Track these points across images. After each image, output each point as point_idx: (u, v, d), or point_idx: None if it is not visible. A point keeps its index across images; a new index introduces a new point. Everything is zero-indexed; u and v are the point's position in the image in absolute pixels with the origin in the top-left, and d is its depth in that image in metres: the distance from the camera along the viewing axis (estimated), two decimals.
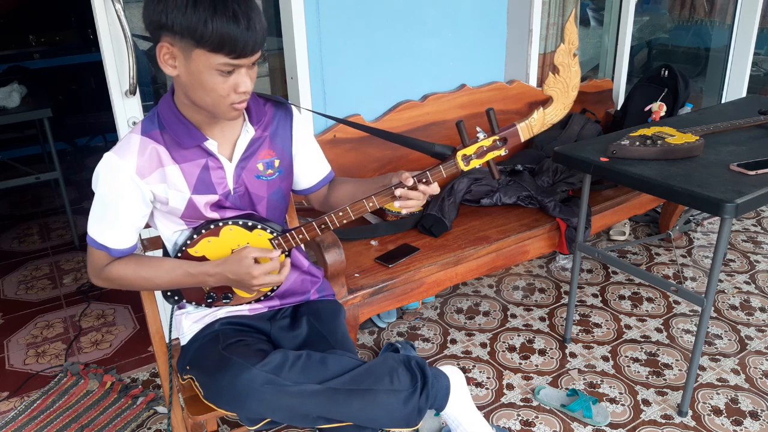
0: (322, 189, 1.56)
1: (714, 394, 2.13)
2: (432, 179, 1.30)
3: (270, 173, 1.41)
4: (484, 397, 2.15)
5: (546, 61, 3.13)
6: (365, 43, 2.43)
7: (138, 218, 1.33)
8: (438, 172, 1.30)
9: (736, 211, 1.70)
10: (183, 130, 1.29)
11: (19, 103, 3.26)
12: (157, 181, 1.30)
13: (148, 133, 1.29)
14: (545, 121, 1.27)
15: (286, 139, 1.43)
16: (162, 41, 1.18)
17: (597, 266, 2.98)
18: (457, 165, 1.30)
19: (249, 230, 1.36)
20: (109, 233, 1.32)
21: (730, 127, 2.29)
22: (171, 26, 1.14)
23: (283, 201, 1.47)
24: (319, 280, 1.61)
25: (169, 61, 1.20)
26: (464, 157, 1.30)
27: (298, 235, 1.36)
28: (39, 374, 2.33)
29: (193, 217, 1.36)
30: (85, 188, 4.26)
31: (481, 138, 1.30)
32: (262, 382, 1.27)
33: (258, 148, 1.38)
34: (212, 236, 1.36)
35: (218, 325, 1.46)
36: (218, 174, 1.34)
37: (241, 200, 1.38)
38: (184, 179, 1.31)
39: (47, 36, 5.02)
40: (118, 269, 1.35)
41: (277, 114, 1.43)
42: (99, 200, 1.31)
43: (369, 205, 1.33)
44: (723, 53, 4.10)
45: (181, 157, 1.31)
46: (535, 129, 1.28)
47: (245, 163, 1.37)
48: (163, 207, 1.34)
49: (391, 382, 1.33)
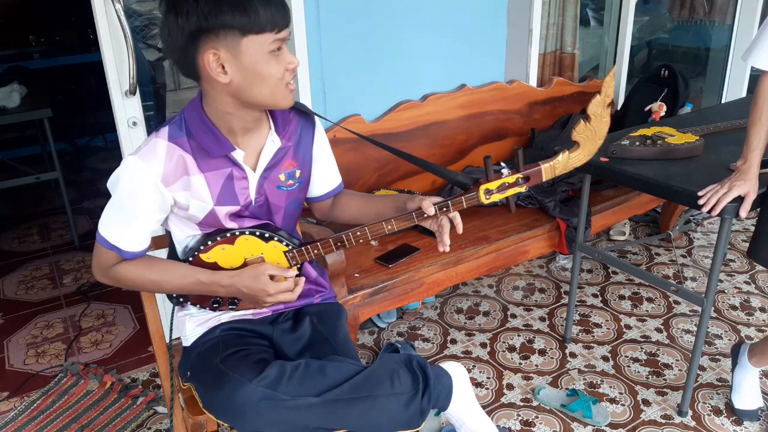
0: (328, 200, 1.55)
1: (714, 394, 2.13)
2: (453, 209, 1.30)
3: (291, 183, 1.39)
4: (484, 397, 2.15)
5: (546, 61, 3.13)
6: (365, 43, 2.43)
7: (153, 223, 1.32)
8: (459, 203, 1.30)
9: (735, 211, 1.70)
10: (212, 138, 1.27)
11: (19, 103, 3.26)
12: (180, 188, 1.28)
13: (175, 139, 1.26)
14: (568, 164, 1.29)
15: (307, 149, 1.42)
16: (205, 50, 1.15)
17: (597, 266, 2.98)
18: (478, 198, 1.30)
19: (265, 241, 1.35)
20: (122, 236, 1.30)
21: (730, 127, 2.29)
22: (212, 27, 1.13)
23: (297, 210, 1.46)
24: (325, 290, 1.60)
25: (218, 69, 1.17)
26: (486, 191, 1.30)
27: (313, 250, 1.35)
28: (39, 374, 2.33)
29: (211, 225, 1.35)
30: (85, 188, 4.26)
31: (505, 174, 1.30)
32: (260, 398, 1.26)
33: (282, 159, 1.37)
34: (227, 244, 1.34)
35: (219, 330, 1.44)
36: (242, 184, 1.32)
37: (260, 210, 1.37)
38: (208, 189, 1.29)
39: (47, 36, 5.01)
40: (127, 270, 1.33)
41: (300, 123, 1.40)
42: (116, 202, 1.28)
43: (388, 228, 1.31)
44: (723, 53, 4.10)
45: (207, 166, 1.28)
46: (557, 170, 1.30)
47: (268, 173, 1.35)
48: (181, 212, 1.32)
49: (392, 385, 1.32)
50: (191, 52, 1.17)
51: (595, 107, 1.26)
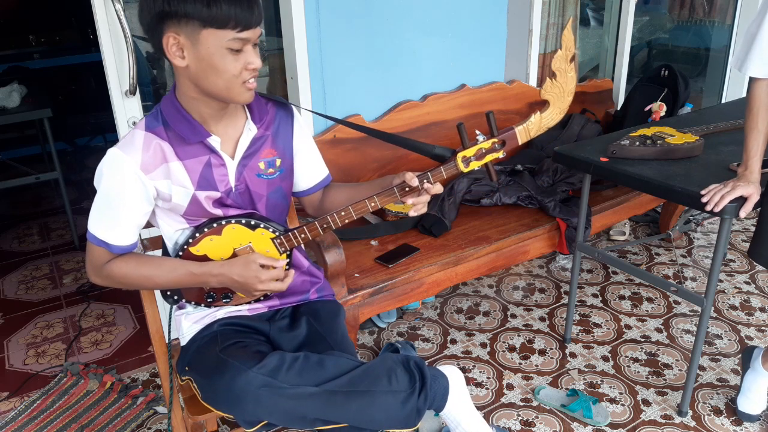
0: (317, 193, 1.56)
1: (714, 394, 2.13)
2: (433, 180, 1.32)
3: (271, 172, 1.41)
4: (484, 397, 2.15)
5: (546, 61, 3.13)
6: (365, 43, 2.43)
7: (140, 216, 1.33)
8: (438, 173, 1.32)
9: (736, 211, 1.71)
10: (186, 125, 1.29)
11: (19, 103, 3.26)
12: (161, 177, 1.30)
13: (152, 129, 1.29)
14: (542, 124, 1.31)
15: (287, 139, 1.44)
16: (167, 33, 1.18)
17: (597, 266, 2.98)
18: (457, 166, 1.32)
19: (251, 229, 1.36)
20: (110, 230, 1.31)
21: (730, 127, 2.29)
22: (175, 13, 1.15)
23: (283, 201, 1.47)
24: (319, 281, 1.61)
25: (177, 52, 1.20)
26: (464, 159, 1.32)
27: (300, 235, 1.37)
28: (39, 374, 2.33)
29: (196, 215, 1.36)
30: (85, 188, 4.26)
31: (481, 140, 1.32)
32: (259, 385, 1.27)
33: (260, 147, 1.39)
34: (214, 235, 1.36)
35: (217, 326, 1.46)
36: (220, 171, 1.34)
37: (241, 198, 1.39)
38: (187, 175, 1.31)
39: (47, 36, 5.02)
40: (118, 267, 1.35)
41: (278, 114, 1.43)
42: (102, 196, 1.30)
43: (371, 205, 1.33)
44: (723, 53, 4.10)
45: (185, 153, 1.31)
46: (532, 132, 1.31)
47: (247, 161, 1.37)
48: (165, 204, 1.34)
49: (389, 382, 1.33)
50: (157, 32, 1.20)
51: (559, 62, 1.28)
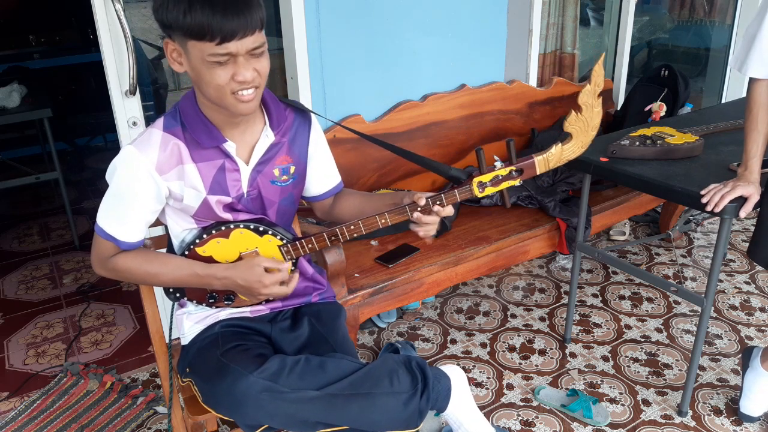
0: (328, 199, 1.56)
1: (714, 394, 2.13)
2: (446, 202, 1.30)
3: (285, 179, 1.40)
4: (484, 397, 2.15)
5: (546, 61, 3.13)
6: (365, 43, 2.43)
7: (150, 214, 1.33)
8: (452, 195, 1.30)
9: (736, 211, 1.71)
10: (203, 129, 1.29)
11: (19, 103, 3.26)
12: (174, 178, 1.29)
13: (170, 129, 1.29)
14: (563, 156, 1.28)
15: (303, 146, 1.43)
16: (166, 39, 1.21)
17: (597, 266, 2.98)
18: (471, 191, 1.30)
19: (259, 235, 1.36)
20: (119, 226, 1.31)
21: (730, 127, 2.29)
22: (169, 24, 1.16)
23: (292, 206, 1.47)
24: (322, 288, 1.60)
25: (176, 58, 1.22)
26: (480, 184, 1.30)
27: (307, 245, 1.36)
28: (39, 374, 2.33)
29: (206, 217, 1.36)
30: (86, 188, 4.26)
31: (498, 167, 1.30)
32: (260, 390, 1.27)
33: (276, 154, 1.38)
34: (222, 237, 1.36)
35: (219, 327, 1.45)
36: (233, 176, 1.34)
37: (253, 204, 1.38)
38: (200, 178, 1.31)
39: (47, 36, 5.02)
40: (124, 261, 1.34)
41: (296, 120, 1.42)
42: (113, 192, 1.30)
43: (381, 222, 1.32)
44: (723, 53, 4.10)
45: (200, 156, 1.30)
46: (551, 163, 1.28)
47: (262, 167, 1.36)
48: (176, 204, 1.34)
49: (390, 384, 1.33)
50: (164, 36, 1.22)
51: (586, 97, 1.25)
